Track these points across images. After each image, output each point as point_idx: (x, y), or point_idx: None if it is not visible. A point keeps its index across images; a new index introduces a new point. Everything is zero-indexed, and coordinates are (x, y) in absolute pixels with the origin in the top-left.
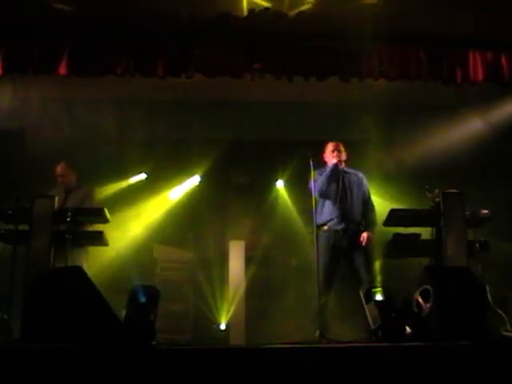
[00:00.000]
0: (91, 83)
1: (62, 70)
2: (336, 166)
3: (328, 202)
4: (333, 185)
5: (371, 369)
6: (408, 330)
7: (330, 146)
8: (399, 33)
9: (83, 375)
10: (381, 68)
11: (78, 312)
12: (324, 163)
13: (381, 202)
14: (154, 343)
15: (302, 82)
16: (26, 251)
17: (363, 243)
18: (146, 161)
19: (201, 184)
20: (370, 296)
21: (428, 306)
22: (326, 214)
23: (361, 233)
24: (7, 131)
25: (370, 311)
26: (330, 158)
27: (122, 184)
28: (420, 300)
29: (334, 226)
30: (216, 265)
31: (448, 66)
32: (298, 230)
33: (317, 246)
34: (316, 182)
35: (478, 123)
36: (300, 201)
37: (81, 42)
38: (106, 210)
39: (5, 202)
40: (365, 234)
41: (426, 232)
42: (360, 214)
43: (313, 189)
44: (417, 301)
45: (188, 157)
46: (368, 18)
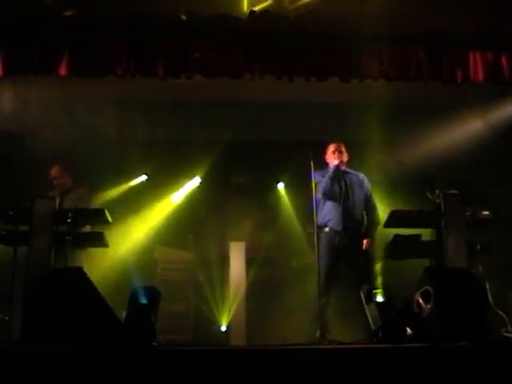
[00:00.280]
0: (91, 84)
1: (62, 70)
2: (338, 167)
3: (329, 203)
4: (335, 186)
5: (372, 370)
6: (408, 330)
7: (331, 147)
8: (399, 33)
9: (83, 375)
10: (381, 68)
11: (78, 313)
12: (326, 164)
13: (381, 203)
14: (154, 344)
15: (303, 82)
16: (26, 252)
17: (364, 249)
18: (146, 162)
19: (201, 185)
20: (370, 297)
21: (428, 306)
22: (327, 214)
23: (362, 236)
24: (7, 132)
25: (370, 312)
26: (332, 159)
27: (123, 185)
28: (420, 301)
29: (335, 227)
30: (216, 266)
31: (448, 66)
32: (299, 230)
33: (317, 247)
34: (319, 183)
35: (478, 124)
36: (300, 201)
37: (81, 43)
38: (106, 211)
39: (5, 202)
40: (365, 241)
41: (426, 233)
42: (361, 215)
43: (314, 190)
44: (417, 302)
45: (188, 158)
46: (368, 18)
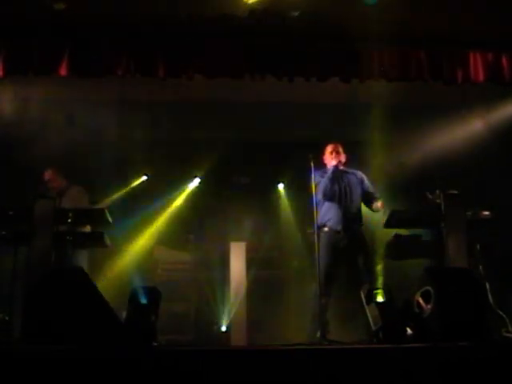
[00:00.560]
0: (91, 85)
1: (63, 70)
2: (336, 168)
3: (328, 203)
4: (334, 186)
5: (372, 370)
6: (409, 331)
7: (328, 148)
8: (399, 33)
9: (84, 375)
10: (381, 68)
11: (78, 313)
12: (324, 165)
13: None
14: (154, 344)
15: (303, 82)
16: (26, 252)
17: (380, 207)
18: (146, 162)
19: (201, 185)
20: (370, 297)
21: (429, 307)
22: (326, 214)
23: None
24: (8, 132)
25: (370, 312)
26: (329, 159)
27: (123, 185)
28: (421, 301)
29: (335, 227)
30: (217, 266)
31: (449, 66)
32: (299, 230)
33: (317, 247)
34: (319, 184)
35: (478, 124)
36: (300, 202)
37: (81, 43)
38: (106, 212)
39: (6, 202)
40: (379, 203)
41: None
42: (360, 215)
43: (313, 190)
44: (418, 302)
45: (189, 158)
46: (368, 18)
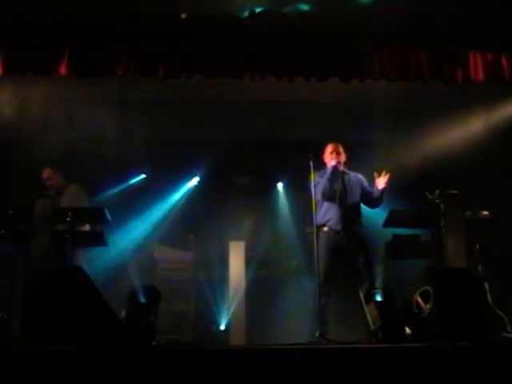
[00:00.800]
0: (91, 84)
1: (63, 70)
2: (336, 168)
3: (327, 203)
4: (333, 186)
5: (371, 370)
6: (408, 330)
7: (329, 148)
8: (399, 33)
9: (83, 375)
10: (381, 68)
11: (78, 312)
12: (323, 164)
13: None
14: (154, 343)
15: (303, 82)
16: (26, 251)
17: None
18: (145, 161)
19: (201, 184)
20: (370, 297)
21: (428, 306)
22: (326, 214)
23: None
24: (7, 131)
25: (369, 312)
26: (329, 159)
27: (122, 184)
28: (420, 301)
29: (334, 227)
30: (216, 265)
31: (448, 66)
32: (298, 230)
33: (317, 247)
34: (318, 184)
35: (478, 124)
36: (300, 201)
37: (81, 43)
38: (106, 210)
39: (5, 202)
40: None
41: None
42: (360, 215)
43: (313, 190)
44: (417, 301)
45: (188, 157)
46: (368, 18)
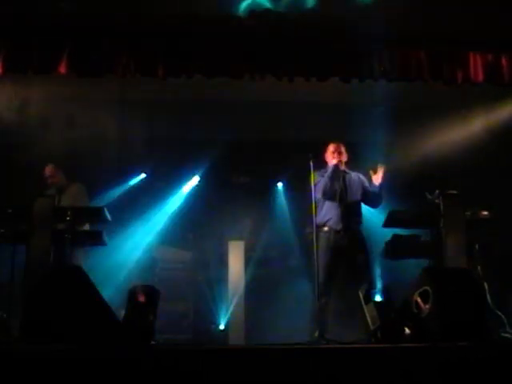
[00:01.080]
0: (91, 84)
1: (62, 69)
2: (337, 167)
3: (328, 202)
4: (334, 185)
5: (370, 370)
6: (407, 330)
7: (330, 147)
8: (400, 33)
9: (82, 375)
10: (381, 69)
11: (77, 312)
12: (325, 164)
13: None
14: (153, 343)
15: (303, 82)
16: (25, 250)
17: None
18: (145, 161)
19: (200, 184)
20: (369, 297)
21: (427, 306)
22: (326, 214)
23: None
24: (8, 131)
25: (369, 312)
26: (331, 158)
27: (122, 184)
28: (419, 301)
29: (335, 226)
30: (215, 265)
31: (448, 66)
32: (298, 230)
33: (316, 247)
34: (318, 183)
35: (477, 124)
36: (300, 201)
37: (80, 43)
38: (105, 210)
39: (5, 202)
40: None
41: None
42: (360, 215)
43: (313, 190)
44: (416, 302)
45: (188, 157)
46: (368, 18)
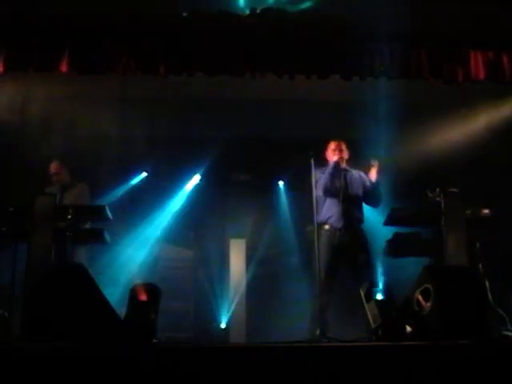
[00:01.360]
0: (92, 82)
1: (63, 67)
2: (338, 164)
3: (329, 200)
4: (335, 182)
5: (371, 368)
6: (408, 328)
7: (331, 145)
8: (400, 31)
9: (84, 373)
10: (381, 69)
11: (78, 310)
12: (326, 162)
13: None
14: (154, 341)
15: (304, 80)
16: (26, 248)
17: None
18: (146, 159)
19: (202, 182)
20: (370, 295)
21: (428, 304)
22: (327, 212)
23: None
24: (8, 130)
25: (370, 310)
26: (332, 156)
27: (123, 182)
28: (420, 299)
29: (336, 224)
30: (217, 263)
31: (449, 64)
32: (299, 228)
33: (318, 245)
34: (319, 180)
35: (478, 122)
36: (301, 199)
37: (81, 42)
38: (107, 208)
39: (6, 199)
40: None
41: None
42: (362, 212)
43: (314, 187)
44: (417, 300)
45: (189, 155)
46: (369, 17)
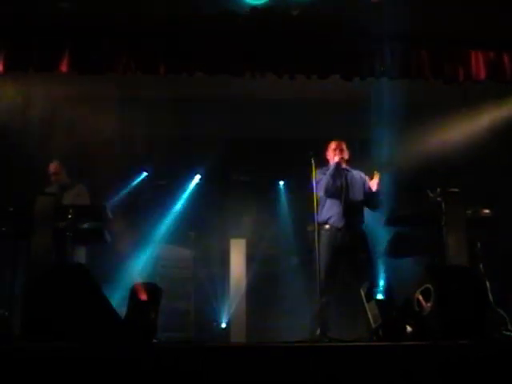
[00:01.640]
0: (92, 81)
1: (64, 67)
2: (339, 164)
3: (330, 201)
4: (336, 182)
5: (372, 368)
6: (409, 328)
7: (332, 145)
8: (401, 31)
9: (84, 373)
10: (381, 69)
11: (78, 309)
12: (326, 162)
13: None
14: (154, 341)
15: (304, 80)
16: (26, 248)
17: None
18: (146, 159)
19: (202, 182)
20: (371, 295)
21: (429, 305)
22: (328, 212)
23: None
24: (9, 130)
25: (370, 310)
26: (332, 156)
27: (123, 182)
28: (421, 299)
29: (336, 224)
30: (217, 263)
31: (450, 64)
32: (299, 228)
33: (318, 244)
34: (320, 180)
35: (479, 122)
36: (301, 199)
37: (81, 43)
38: (107, 208)
39: (6, 199)
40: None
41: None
42: (362, 212)
43: (315, 187)
44: (418, 300)
45: (189, 155)
46: (369, 16)
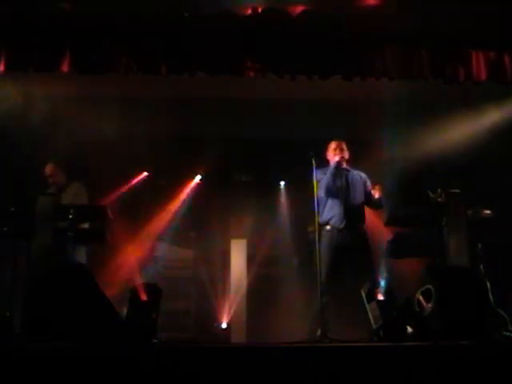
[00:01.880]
0: (93, 81)
1: (65, 67)
2: (339, 164)
3: (330, 201)
4: (337, 182)
5: (372, 368)
6: (409, 329)
7: (332, 145)
8: (401, 32)
9: (84, 373)
10: (381, 69)
11: (79, 309)
12: (327, 162)
13: None
14: (155, 341)
15: (305, 80)
16: (27, 248)
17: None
18: (147, 159)
19: (203, 183)
20: (371, 295)
21: (429, 305)
22: (329, 212)
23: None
24: (9, 130)
25: (371, 310)
26: (332, 156)
27: (124, 182)
28: (421, 299)
29: (337, 225)
30: (218, 263)
31: (450, 65)
32: (300, 228)
33: (319, 245)
34: (321, 180)
35: (480, 123)
36: (302, 199)
37: (81, 43)
38: (108, 208)
39: (7, 199)
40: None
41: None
42: (363, 213)
43: (316, 188)
44: (418, 300)
45: (190, 155)
46: (370, 17)
